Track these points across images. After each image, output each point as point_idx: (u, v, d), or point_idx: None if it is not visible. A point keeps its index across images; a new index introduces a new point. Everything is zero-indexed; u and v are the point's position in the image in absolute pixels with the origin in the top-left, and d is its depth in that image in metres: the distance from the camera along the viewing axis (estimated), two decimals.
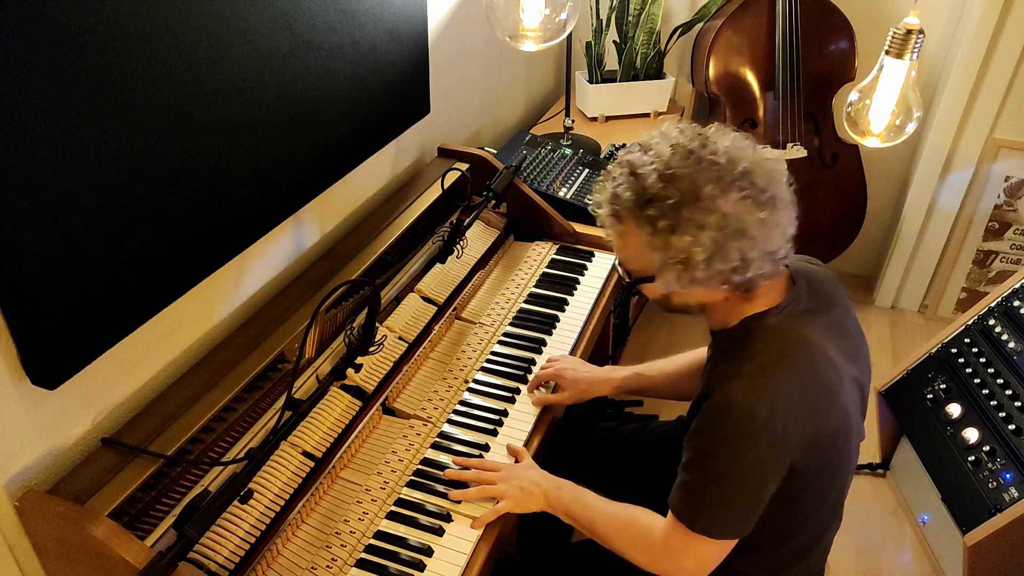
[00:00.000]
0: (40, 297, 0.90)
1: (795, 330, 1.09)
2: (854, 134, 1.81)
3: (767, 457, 1.03)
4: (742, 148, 1.06)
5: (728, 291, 1.09)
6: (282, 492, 1.15)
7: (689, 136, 1.06)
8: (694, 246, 1.01)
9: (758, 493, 1.05)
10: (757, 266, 1.03)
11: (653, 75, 2.56)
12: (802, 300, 1.12)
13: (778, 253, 1.05)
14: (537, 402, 1.40)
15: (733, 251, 1.01)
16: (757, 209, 1.02)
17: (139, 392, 1.16)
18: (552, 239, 1.85)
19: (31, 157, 0.85)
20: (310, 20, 1.24)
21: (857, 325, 1.20)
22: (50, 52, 0.83)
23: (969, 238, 2.69)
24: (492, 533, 1.17)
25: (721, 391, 1.04)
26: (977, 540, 1.66)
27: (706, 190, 1.00)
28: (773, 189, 1.04)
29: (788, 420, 1.02)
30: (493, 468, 1.24)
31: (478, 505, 1.20)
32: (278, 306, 1.35)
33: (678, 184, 1.01)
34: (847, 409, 1.11)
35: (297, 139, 1.30)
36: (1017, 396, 1.78)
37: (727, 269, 1.03)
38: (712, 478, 1.05)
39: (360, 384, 1.32)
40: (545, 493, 1.21)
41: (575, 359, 1.49)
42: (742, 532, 1.08)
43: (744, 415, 1.01)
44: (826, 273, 1.22)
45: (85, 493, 0.98)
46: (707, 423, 1.06)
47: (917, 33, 1.62)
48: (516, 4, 1.69)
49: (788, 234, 1.06)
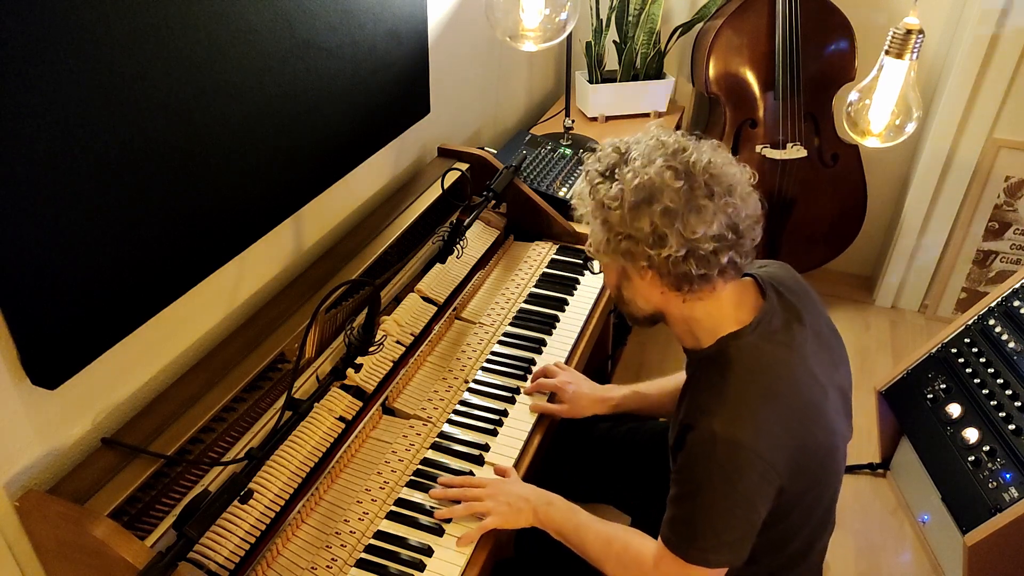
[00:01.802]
0: (40, 297, 0.90)
1: (773, 351, 1.07)
2: (854, 134, 1.81)
3: (756, 486, 1.02)
4: (710, 149, 1.06)
5: (664, 286, 1.06)
6: (282, 492, 1.15)
7: (668, 137, 1.08)
8: (608, 195, 1.04)
9: (750, 521, 1.04)
10: (673, 248, 1.00)
11: (653, 75, 2.56)
12: (776, 314, 1.10)
13: (702, 246, 1.01)
14: (535, 409, 1.40)
15: (643, 216, 1.01)
16: (675, 181, 1.00)
17: (139, 392, 1.16)
18: (552, 239, 1.85)
19: (31, 157, 0.85)
20: (310, 20, 1.24)
21: (831, 326, 1.19)
22: (50, 52, 0.83)
23: (969, 238, 2.69)
24: (488, 539, 1.17)
25: (704, 424, 1.03)
26: (977, 540, 1.66)
27: (636, 154, 1.05)
28: (715, 185, 1.01)
29: (774, 447, 1.01)
30: (479, 484, 1.21)
31: (466, 523, 1.17)
32: (278, 306, 1.35)
33: (623, 150, 1.07)
34: (832, 422, 1.10)
35: (297, 139, 1.30)
36: (1017, 396, 1.78)
37: (640, 238, 1.02)
38: (703, 512, 1.04)
39: (360, 384, 1.32)
40: (535, 509, 1.20)
41: (578, 374, 1.48)
42: (738, 560, 1.06)
43: (730, 448, 1.00)
44: (792, 277, 1.19)
45: (85, 493, 0.98)
46: (693, 458, 1.04)
47: (917, 33, 1.62)
48: (516, 4, 1.69)
49: (718, 234, 1.01)
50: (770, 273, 1.17)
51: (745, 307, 1.10)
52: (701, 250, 1.01)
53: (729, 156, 1.07)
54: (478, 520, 1.17)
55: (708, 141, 1.08)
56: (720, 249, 1.02)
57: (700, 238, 1.00)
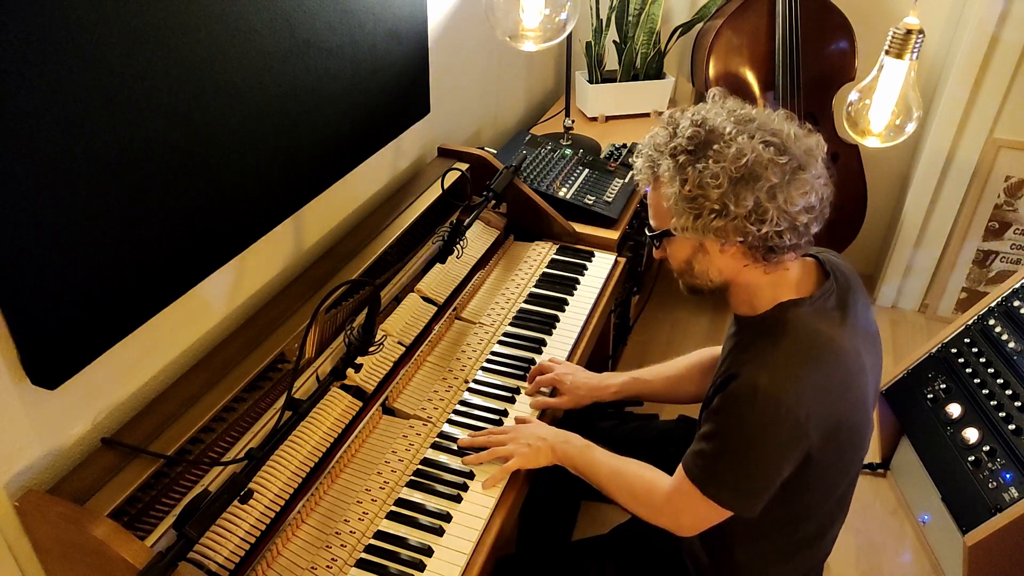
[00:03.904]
0: (40, 297, 0.90)
1: (826, 327, 1.10)
2: (854, 134, 1.81)
3: (786, 445, 1.05)
4: (781, 119, 1.08)
5: (749, 257, 1.07)
6: (282, 492, 1.15)
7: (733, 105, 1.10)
8: (709, 177, 1.02)
9: (771, 477, 1.07)
10: (774, 223, 1.02)
11: (653, 75, 2.56)
12: (833, 294, 1.13)
13: (799, 219, 1.04)
14: (535, 405, 1.41)
15: (747, 194, 1.01)
16: (778, 156, 1.02)
17: (139, 392, 1.16)
18: (552, 239, 1.85)
19: (31, 157, 0.85)
20: (310, 20, 1.24)
21: (874, 321, 1.22)
22: (50, 52, 0.83)
23: (969, 238, 2.69)
24: (493, 530, 1.17)
25: (749, 375, 1.06)
26: (977, 540, 1.66)
27: (728, 129, 1.04)
28: (801, 158, 1.05)
29: (811, 413, 1.04)
30: (502, 431, 1.29)
31: (491, 469, 1.25)
32: (278, 306, 1.35)
33: (707, 125, 1.06)
34: (868, 406, 1.13)
35: (297, 139, 1.29)
36: (1017, 396, 1.78)
37: (742, 215, 1.02)
38: (730, 454, 1.08)
39: (360, 384, 1.32)
40: (552, 447, 1.25)
41: (574, 365, 1.50)
42: (747, 510, 1.10)
43: (770, 402, 1.03)
44: (849, 267, 1.23)
45: (85, 493, 0.98)
46: (732, 402, 1.07)
47: (917, 33, 1.62)
48: (516, 4, 1.69)
49: (812, 205, 1.05)
50: (828, 258, 1.20)
51: (806, 282, 1.14)
52: (797, 222, 1.04)
53: (800, 125, 1.10)
54: (502, 464, 1.24)
55: (777, 111, 1.10)
56: (811, 220, 1.06)
57: (799, 211, 1.03)
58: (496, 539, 1.17)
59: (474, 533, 1.16)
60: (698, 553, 1.27)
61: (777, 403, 1.03)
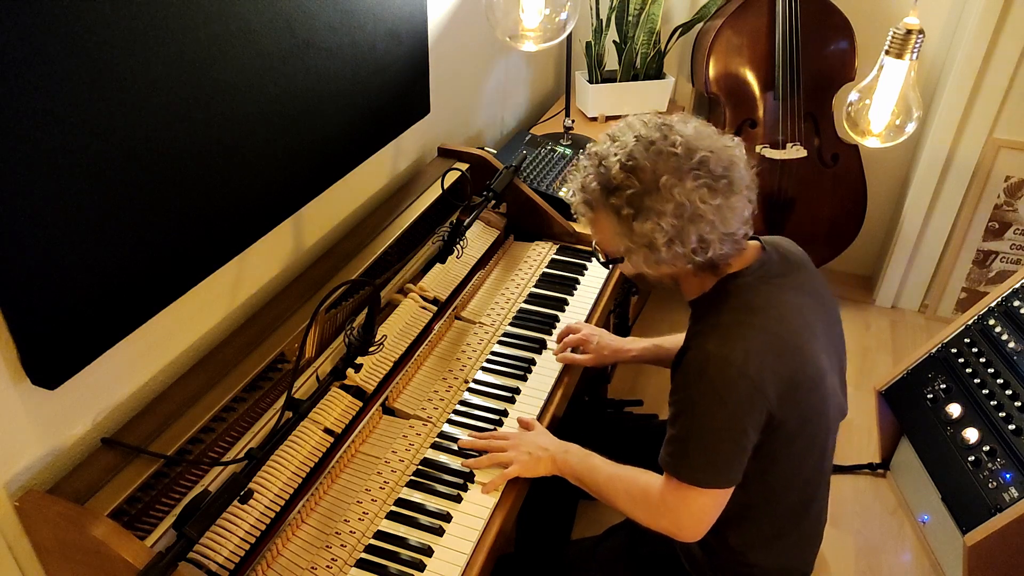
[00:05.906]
0: (40, 297, 0.90)
1: (768, 289, 1.15)
2: (854, 134, 1.81)
3: (745, 404, 1.08)
4: (702, 136, 1.11)
5: (694, 269, 1.14)
6: (282, 492, 1.15)
7: (652, 127, 1.12)
8: (655, 232, 1.08)
9: (739, 441, 1.09)
10: (716, 247, 1.09)
11: (653, 75, 2.56)
12: (774, 264, 1.18)
13: (737, 234, 1.11)
14: (562, 359, 1.50)
15: (691, 234, 1.08)
16: (712, 196, 1.07)
17: (139, 392, 1.16)
18: (552, 239, 1.85)
19: (31, 157, 0.85)
20: (310, 20, 1.24)
21: (828, 291, 1.25)
22: (50, 52, 0.83)
23: (969, 238, 2.69)
24: (493, 530, 1.17)
25: (698, 345, 1.11)
26: (977, 540, 1.66)
27: (664, 179, 1.07)
28: (730, 174, 1.09)
29: (762, 368, 1.07)
30: (504, 437, 1.30)
31: (490, 473, 1.25)
32: (278, 306, 1.35)
33: (639, 175, 1.08)
34: (822, 366, 1.15)
35: (297, 139, 1.30)
36: (1017, 396, 1.78)
37: (688, 251, 1.09)
38: (694, 429, 1.10)
39: (360, 384, 1.32)
40: (553, 457, 1.27)
41: (600, 328, 1.57)
42: (729, 482, 1.12)
43: (720, 365, 1.07)
44: (793, 245, 1.26)
45: (85, 493, 0.98)
46: (686, 376, 1.11)
47: (917, 33, 1.62)
48: (516, 4, 1.69)
49: (745, 216, 1.11)
50: (772, 238, 1.25)
51: (747, 257, 1.18)
52: (736, 235, 1.11)
53: (710, 127, 1.14)
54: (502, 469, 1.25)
55: (689, 121, 1.13)
56: (747, 222, 1.12)
57: (737, 227, 1.10)
58: (496, 539, 1.18)
59: (474, 533, 1.16)
60: (690, 546, 1.28)
61: (727, 363, 1.06)
